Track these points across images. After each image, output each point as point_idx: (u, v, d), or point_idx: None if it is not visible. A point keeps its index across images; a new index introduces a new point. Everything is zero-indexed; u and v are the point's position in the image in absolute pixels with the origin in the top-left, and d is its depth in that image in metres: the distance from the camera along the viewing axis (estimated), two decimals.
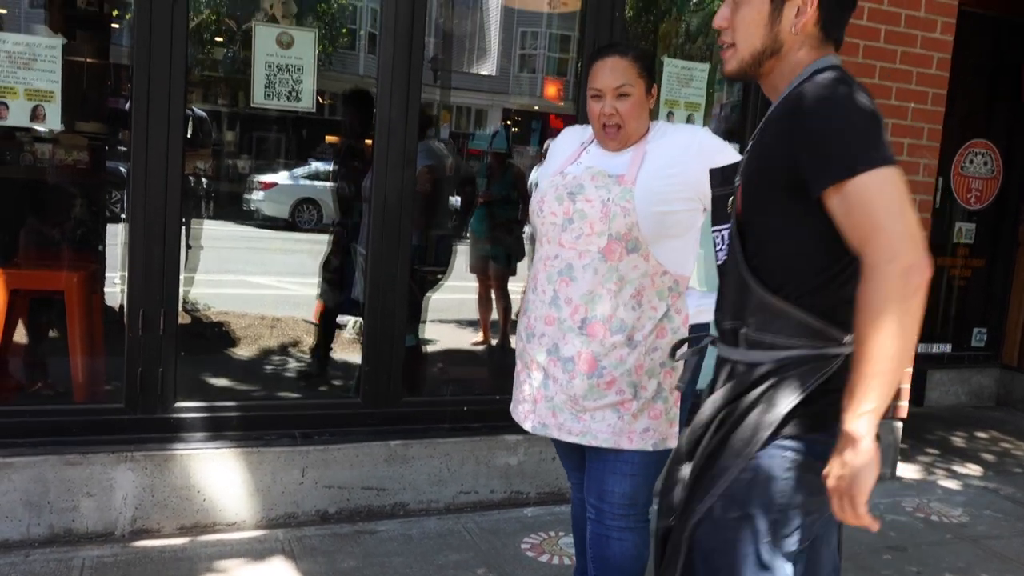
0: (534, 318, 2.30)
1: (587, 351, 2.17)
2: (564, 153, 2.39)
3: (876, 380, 1.37)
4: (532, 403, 2.31)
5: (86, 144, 4.47)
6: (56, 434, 3.05)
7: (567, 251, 2.21)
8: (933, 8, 4.07)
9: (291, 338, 5.76)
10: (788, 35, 1.56)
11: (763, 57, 1.58)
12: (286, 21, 5.18)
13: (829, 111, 1.45)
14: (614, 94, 2.22)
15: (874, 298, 1.37)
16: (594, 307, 2.17)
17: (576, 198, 2.19)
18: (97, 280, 4.11)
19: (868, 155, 1.40)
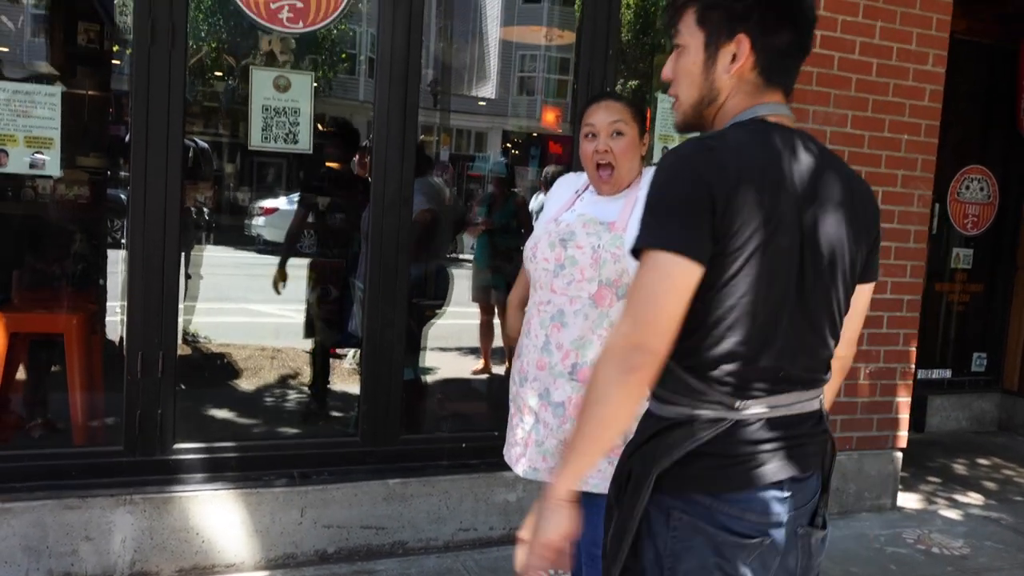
0: (527, 362, 2.32)
1: (577, 396, 2.19)
2: (559, 201, 2.42)
3: (580, 437, 1.45)
4: (523, 447, 2.33)
5: (87, 179, 4.50)
6: (55, 477, 3.07)
7: (559, 297, 2.24)
8: (924, 41, 4.10)
9: (291, 370, 5.77)
10: (724, 81, 1.52)
11: (702, 107, 1.55)
12: (284, 57, 5.23)
13: (653, 180, 1.44)
14: (608, 131, 2.25)
15: (601, 361, 1.42)
16: (585, 353, 2.20)
17: (568, 244, 2.22)
18: (97, 320, 4.12)
19: (652, 233, 1.40)
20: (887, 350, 4.24)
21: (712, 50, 1.51)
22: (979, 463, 5.27)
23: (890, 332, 4.23)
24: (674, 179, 1.42)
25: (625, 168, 2.28)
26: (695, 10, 1.52)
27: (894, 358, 4.27)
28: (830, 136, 3.97)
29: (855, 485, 4.27)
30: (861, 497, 4.30)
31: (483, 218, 6.31)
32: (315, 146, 3.46)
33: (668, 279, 1.38)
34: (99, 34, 5.05)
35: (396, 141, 3.42)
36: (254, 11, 3.24)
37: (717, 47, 1.50)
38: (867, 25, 3.98)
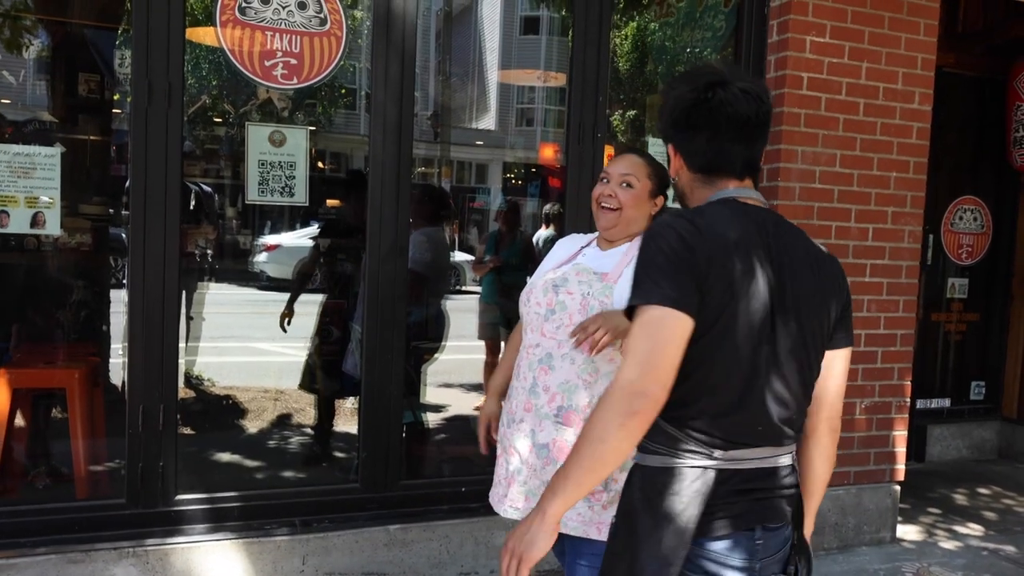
0: (515, 404, 2.37)
1: (561, 439, 2.23)
2: (564, 254, 2.49)
3: (577, 468, 1.56)
4: (506, 486, 2.36)
5: (88, 226, 4.56)
6: (58, 532, 3.10)
7: (548, 340, 2.29)
8: (910, 80, 4.17)
9: (294, 412, 5.81)
10: (679, 185, 1.85)
11: (683, 200, 1.85)
12: (282, 104, 5.32)
13: (644, 245, 1.64)
14: (619, 180, 2.32)
15: (603, 404, 1.55)
16: (570, 396, 2.24)
17: (559, 290, 2.29)
18: (99, 371, 4.17)
19: (649, 290, 1.57)
20: (882, 384, 4.27)
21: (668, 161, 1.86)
22: (979, 492, 5.28)
23: (884, 367, 4.27)
24: (663, 243, 1.60)
25: (631, 214, 2.33)
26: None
27: (889, 392, 4.30)
28: (820, 175, 4.03)
29: (854, 519, 4.29)
30: (860, 531, 4.31)
31: (491, 256, 6.35)
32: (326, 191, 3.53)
33: (667, 330, 1.54)
34: (99, 84, 5.16)
35: (391, 192, 3.48)
36: (249, 69, 3.32)
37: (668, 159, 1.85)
38: (853, 66, 4.05)
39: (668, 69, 4.80)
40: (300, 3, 3.35)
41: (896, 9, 4.11)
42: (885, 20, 4.09)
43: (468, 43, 23.27)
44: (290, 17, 3.34)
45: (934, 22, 4.22)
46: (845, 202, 4.11)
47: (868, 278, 4.18)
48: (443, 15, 18.87)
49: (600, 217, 2.36)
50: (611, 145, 4.16)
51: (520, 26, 24.56)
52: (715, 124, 1.72)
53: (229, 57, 3.29)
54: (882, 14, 4.08)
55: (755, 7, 4.08)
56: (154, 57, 3.13)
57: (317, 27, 3.38)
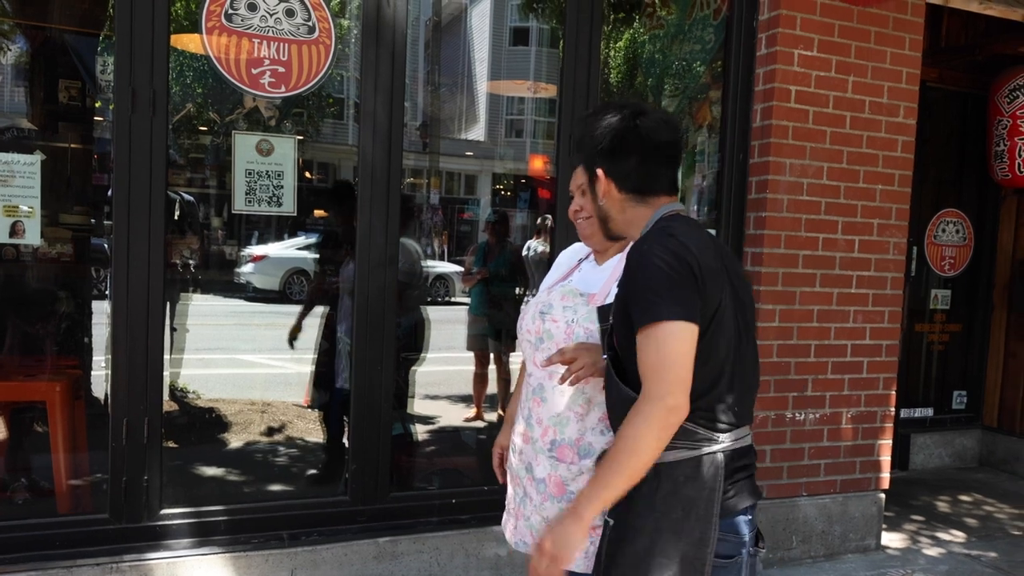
0: (516, 433, 2.30)
1: (556, 474, 2.15)
2: (563, 269, 2.42)
3: (617, 478, 1.69)
4: (515, 518, 2.31)
5: (69, 236, 4.50)
6: (40, 548, 3.05)
7: (539, 371, 2.20)
8: (895, 94, 4.21)
9: (281, 425, 5.76)
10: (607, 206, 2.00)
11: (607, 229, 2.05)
12: (269, 113, 5.30)
13: (639, 268, 1.76)
14: (579, 191, 2.23)
15: (640, 419, 1.68)
16: (563, 430, 2.15)
17: (545, 318, 2.19)
18: (81, 384, 4.11)
19: (661, 308, 1.70)
20: (867, 394, 4.28)
21: (592, 186, 2.01)
22: (961, 500, 5.31)
23: (870, 377, 4.28)
24: (659, 261, 1.73)
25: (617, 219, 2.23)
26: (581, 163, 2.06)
27: (875, 402, 4.31)
28: (807, 188, 4.05)
29: (840, 527, 4.29)
30: (846, 539, 4.32)
31: (479, 268, 6.34)
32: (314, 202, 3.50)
33: (684, 343, 1.69)
34: (80, 91, 5.11)
35: (381, 201, 3.47)
36: (235, 77, 3.30)
37: (593, 182, 2.00)
38: (839, 80, 4.08)
39: (658, 81, 4.82)
40: (288, 10, 3.34)
41: (882, 24, 4.14)
42: (871, 35, 4.13)
43: (457, 54, 23.29)
44: (278, 25, 3.32)
45: (919, 37, 4.26)
46: (832, 214, 4.13)
47: (854, 289, 4.19)
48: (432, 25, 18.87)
49: (579, 232, 2.28)
50: None
51: (509, 37, 24.63)
52: (644, 149, 1.92)
53: (215, 65, 3.26)
54: (868, 28, 4.11)
55: (744, 21, 4.10)
56: (138, 64, 3.10)
57: (305, 35, 3.36)
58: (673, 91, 4.74)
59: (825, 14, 4.02)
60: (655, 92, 4.78)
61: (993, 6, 4.54)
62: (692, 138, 4.61)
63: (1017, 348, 6.03)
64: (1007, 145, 5.44)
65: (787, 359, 4.09)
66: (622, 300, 1.82)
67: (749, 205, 4.13)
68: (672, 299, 1.69)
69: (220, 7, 3.24)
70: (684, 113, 4.64)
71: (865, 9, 4.07)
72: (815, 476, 4.20)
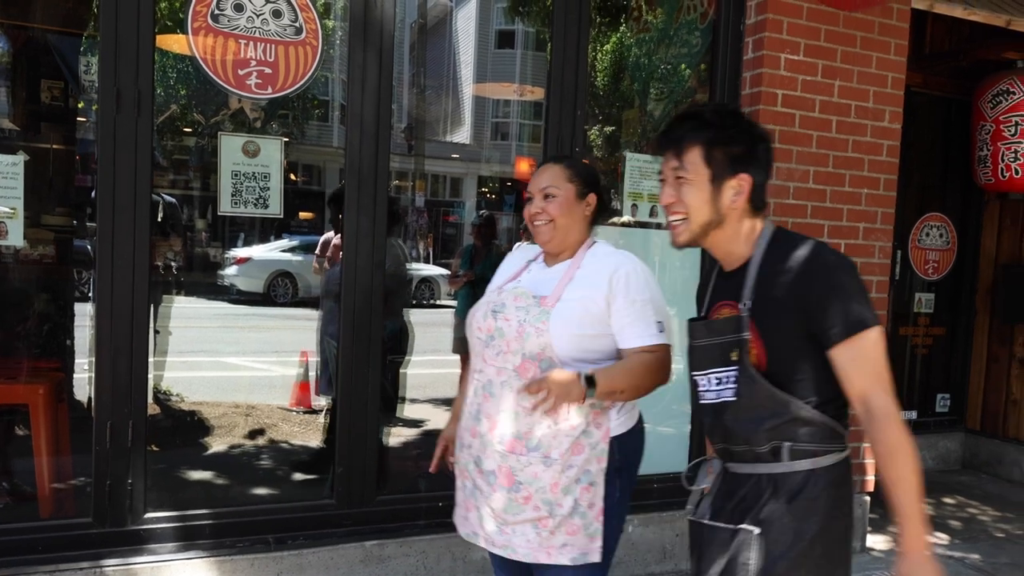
0: (464, 427, 2.37)
1: (505, 466, 2.22)
2: (511, 269, 2.49)
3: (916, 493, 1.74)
4: (465, 510, 2.39)
5: (51, 237, 4.45)
6: (23, 552, 3.01)
7: (489, 367, 2.27)
8: (881, 99, 4.23)
9: (266, 428, 5.73)
10: (727, 210, 1.87)
11: (710, 228, 1.88)
12: (255, 114, 5.27)
13: (844, 274, 1.78)
14: (541, 195, 2.33)
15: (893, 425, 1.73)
16: (512, 424, 2.22)
17: (497, 316, 2.27)
18: (64, 387, 4.07)
19: (868, 316, 1.75)
20: None
21: (718, 184, 1.85)
22: (945, 502, 5.35)
23: None
24: (852, 270, 1.80)
25: (563, 222, 2.31)
26: (701, 149, 1.85)
27: None
28: (794, 191, 4.07)
29: None
30: None
31: (465, 271, 6.33)
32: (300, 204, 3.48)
33: (885, 349, 1.78)
34: (63, 91, 5.06)
35: (368, 203, 3.45)
36: (221, 78, 3.28)
37: (722, 181, 1.85)
38: (826, 84, 4.10)
39: (644, 85, 4.83)
40: (275, 11, 3.32)
41: (868, 29, 4.17)
42: (857, 40, 4.15)
43: (443, 56, 23.28)
44: (264, 25, 3.30)
45: (904, 42, 4.29)
46: (818, 217, 4.14)
47: None
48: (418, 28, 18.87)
49: (537, 235, 2.36)
50: (587, 160, 4.15)
51: (495, 40, 24.62)
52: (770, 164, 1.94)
53: (201, 65, 3.23)
54: (854, 33, 4.14)
55: (731, 25, 4.12)
56: (123, 64, 3.07)
57: (292, 36, 3.35)
58: (659, 95, 4.75)
59: (811, 19, 4.05)
60: (642, 95, 4.79)
61: (977, 12, 4.58)
62: None
63: (999, 351, 6.09)
64: (990, 150, 5.48)
65: None
66: (793, 307, 1.79)
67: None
68: (869, 305, 1.77)
69: (206, 7, 3.22)
70: (670, 116, 4.65)
71: (851, 14, 4.10)
72: None
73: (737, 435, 1.90)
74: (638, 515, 3.96)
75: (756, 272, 1.87)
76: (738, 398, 1.87)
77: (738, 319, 1.86)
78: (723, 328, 1.90)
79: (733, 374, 1.87)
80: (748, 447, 1.88)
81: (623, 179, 4.09)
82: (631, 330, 2.22)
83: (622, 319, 2.21)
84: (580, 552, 2.23)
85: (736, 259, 1.93)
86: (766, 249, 1.88)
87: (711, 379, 1.94)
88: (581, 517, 2.23)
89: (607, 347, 2.26)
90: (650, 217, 4.14)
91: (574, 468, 2.21)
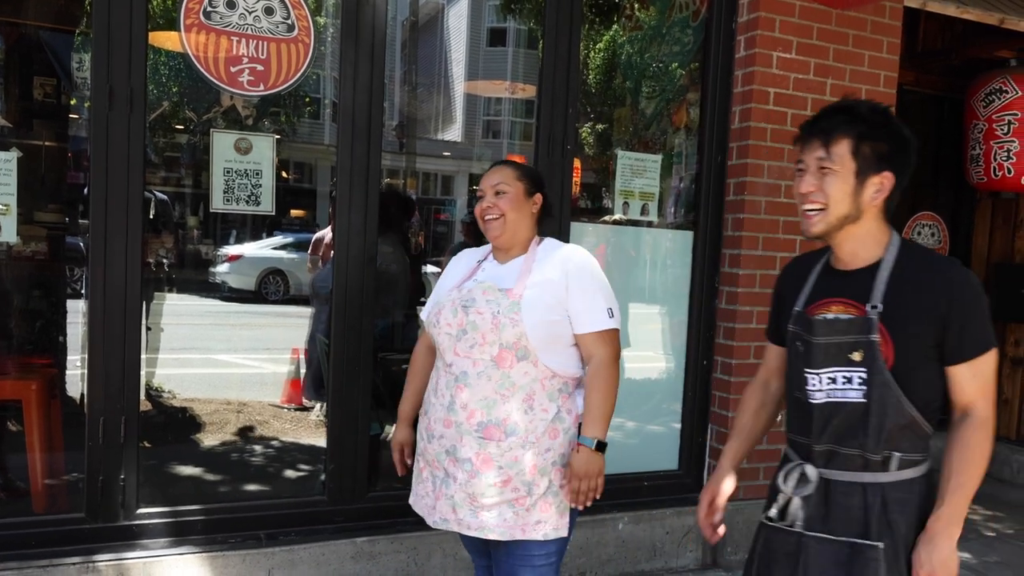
0: (434, 420, 2.46)
1: (484, 452, 2.34)
2: (463, 270, 2.60)
3: (969, 500, 1.86)
4: (433, 499, 2.47)
5: (44, 234, 4.45)
6: (16, 548, 3.01)
7: (462, 359, 2.39)
8: (874, 97, 4.11)
9: (257, 424, 5.73)
10: (867, 206, 1.90)
11: (847, 221, 1.91)
12: (246, 111, 5.26)
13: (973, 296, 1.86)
14: (492, 191, 2.49)
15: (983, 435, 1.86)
16: (490, 411, 2.35)
17: (469, 311, 2.38)
18: (56, 383, 4.07)
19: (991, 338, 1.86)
20: None
21: (861, 179, 1.88)
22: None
23: None
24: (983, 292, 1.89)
25: (513, 217, 2.48)
26: (850, 142, 1.87)
27: None
28: (785, 190, 4.08)
29: None
30: None
31: None
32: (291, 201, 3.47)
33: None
34: (56, 88, 5.05)
35: (360, 200, 3.46)
36: (214, 75, 3.28)
37: (866, 177, 1.88)
38: (818, 82, 4.12)
39: (636, 83, 4.84)
40: (267, 8, 3.32)
41: (860, 27, 4.18)
42: (849, 38, 4.17)
43: (434, 54, 23.22)
44: (256, 23, 3.30)
45: (896, 40, 4.30)
46: None
47: None
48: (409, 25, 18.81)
49: (488, 230, 2.50)
50: (579, 158, 4.17)
51: (487, 38, 24.60)
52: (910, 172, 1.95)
53: (193, 63, 3.23)
54: (847, 31, 4.15)
55: (723, 22, 4.13)
56: (115, 61, 3.07)
57: (284, 33, 3.35)
58: (651, 92, 4.76)
59: (804, 17, 4.06)
60: (634, 93, 4.80)
61: (970, 10, 4.60)
62: (670, 140, 4.63)
63: None
64: (983, 149, 5.51)
65: None
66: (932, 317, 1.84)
67: (727, 207, 4.15)
68: (992, 326, 1.87)
69: (199, 4, 3.22)
70: (662, 115, 4.67)
71: (844, 12, 4.11)
72: None
73: (852, 439, 1.89)
74: (628, 513, 3.97)
75: (888, 275, 1.89)
76: (867, 401, 1.87)
77: (867, 320, 1.86)
78: (848, 328, 1.89)
79: (859, 375, 1.87)
80: (861, 452, 1.89)
81: (615, 177, 4.10)
82: (585, 316, 2.38)
83: (577, 305, 2.38)
84: (552, 528, 2.40)
85: (860, 260, 1.94)
86: (898, 255, 1.91)
87: (823, 378, 1.92)
88: (554, 495, 2.40)
89: (571, 331, 2.42)
90: (641, 215, 4.15)
91: (551, 451, 2.37)
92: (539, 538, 2.39)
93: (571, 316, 2.40)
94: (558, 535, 2.42)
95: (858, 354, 1.86)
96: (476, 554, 2.69)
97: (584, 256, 2.48)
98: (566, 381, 2.43)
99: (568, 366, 2.43)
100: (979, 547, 4.57)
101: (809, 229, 1.94)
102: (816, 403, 1.93)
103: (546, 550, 2.42)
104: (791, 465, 2.03)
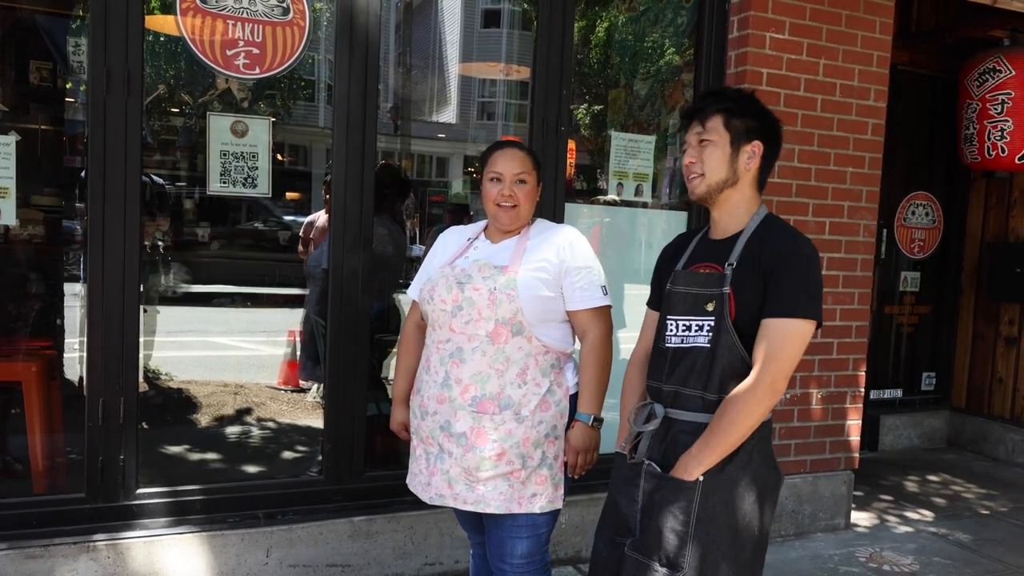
0: (427, 397, 2.48)
1: (479, 426, 2.38)
2: (452, 247, 2.63)
3: (724, 446, 2.00)
4: (428, 476, 2.50)
5: (41, 217, 4.46)
6: (17, 527, 3.05)
7: (457, 335, 2.42)
8: (866, 77, 4.26)
9: (255, 406, 5.76)
10: (743, 172, 2.15)
11: (724, 186, 2.14)
12: (242, 94, 5.25)
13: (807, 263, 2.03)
14: (513, 179, 2.51)
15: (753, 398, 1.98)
16: (484, 386, 2.39)
17: (465, 287, 2.41)
18: (56, 364, 4.09)
19: (811, 308, 2.01)
20: (837, 375, 4.36)
21: (736, 147, 2.13)
22: (929, 480, 5.43)
23: (840, 357, 4.36)
24: (819, 271, 2.07)
25: (525, 208, 2.53)
26: (722, 116, 2.13)
27: (844, 382, 4.39)
28: (778, 170, 4.09)
29: (810, 506, 4.38)
30: (816, 518, 4.41)
31: None
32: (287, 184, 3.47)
33: (806, 343, 2.02)
34: (52, 72, 5.04)
35: (355, 183, 3.48)
36: (210, 58, 3.28)
37: (739, 145, 2.13)
38: (811, 63, 4.13)
39: (631, 64, 4.85)
40: None
41: (853, 7, 4.19)
42: (842, 18, 4.18)
43: (428, 36, 23.14)
44: (252, 6, 3.31)
45: (889, 20, 4.31)
46: (803, 196, 4.19)
47: (825, 271, 4.25)
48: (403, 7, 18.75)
49: (498, 216, 2.53)
50: (573, 139, 4.18)
51: (481, 19, 24.52)
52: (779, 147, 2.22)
53: (189, 46, 3.24)
54: (839, 12, 4.16)
55: (716, 3, 4.13)
56: (112, 45, 3.08)
57: (280, 16, 3.35)
58: (645, 73, 4.77)
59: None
60: (628, 74, 4.81)
61: None
62: (664, 120, 4.65)
63: (985, 330, 6.16)
64: (976, 128, 5.52)
65: None
66: (762, 276, 2.02)
67: None
68: (816, 305, 2.02)
69: None
70: (656, 95, 4.68)
71: None
72: (785, 456, 4.28)
73: (696, 381, 2.09)
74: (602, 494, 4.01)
75: (745, 242, 2.11)
76: (711, 346, 2.07)
77: (722, 276, 2.09)
78: (706, 281, 2.12)
79: (708, 323, 2.08)
80: (701, 394, 2.08)
81: (609, 158, 4.12)
82: (580, 294, 2.45)
83: (571, 283, 2.44)
84: (548, 500, 2.46)
85: (731, 229, 2.17)
86: (758, 225, 2.13)
87: (679, 324, 2.15)
88: (548, 468, 2.45)
89: (563, 307, 2.48)
90: (635, 196, 4.18)
91: (544, 424, 2.42)
92: (536, 511, 2.44)
93: (565, 293, 2.46)
94: (553, 507, 2.48)
95: (711, 304, 2.08)
96: (472, 531, 2.74)
97: (576, 236, 2.54)
98: (558, 356, 2.49)
99: (561, 341, 2.49)
100: (973, 525, 4.63)
101: (693, 192, 2.18)
102: (669, 347, 2.16)
103: (535, 521, 2.47)
104: (643, 403, 2.25)
